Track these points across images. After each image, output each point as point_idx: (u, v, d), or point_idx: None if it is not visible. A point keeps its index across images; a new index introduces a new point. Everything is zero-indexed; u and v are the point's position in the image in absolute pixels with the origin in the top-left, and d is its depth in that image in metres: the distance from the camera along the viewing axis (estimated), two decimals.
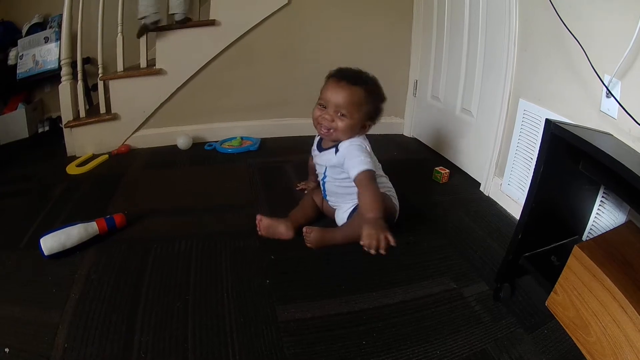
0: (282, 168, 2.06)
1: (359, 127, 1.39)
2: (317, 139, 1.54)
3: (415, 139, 2.62)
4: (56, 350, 0.95)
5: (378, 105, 1.41)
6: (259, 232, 1.45)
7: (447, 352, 1.06)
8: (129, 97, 2.10)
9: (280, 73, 2.36)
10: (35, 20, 2.64)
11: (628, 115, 1.15)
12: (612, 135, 1.25)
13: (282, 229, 1.44)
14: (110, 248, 1.34)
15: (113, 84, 2.08)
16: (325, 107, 1.36)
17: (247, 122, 2.41)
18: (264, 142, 2.36)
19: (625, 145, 1.21)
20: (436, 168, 2.05)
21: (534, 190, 1.13)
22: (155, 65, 2.10)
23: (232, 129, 2.37)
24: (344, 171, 1.39)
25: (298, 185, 1.84)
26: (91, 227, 1.35)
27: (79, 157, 2.00)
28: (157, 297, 1.14)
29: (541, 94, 1.60)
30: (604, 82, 1.25)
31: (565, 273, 1.06)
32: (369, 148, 1.40)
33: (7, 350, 0.96)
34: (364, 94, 1.35)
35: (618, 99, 1.23)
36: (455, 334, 1.11)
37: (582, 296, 1.03)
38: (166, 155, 2.15)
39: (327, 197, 1.56)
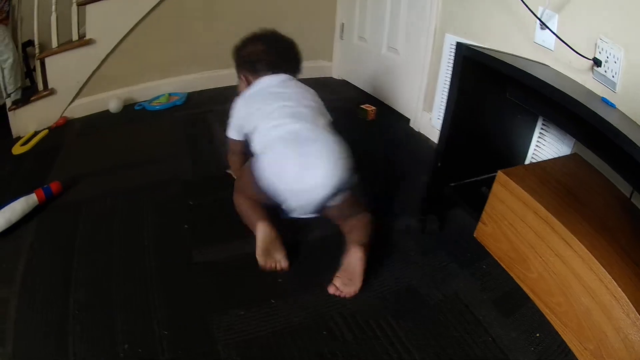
0: (205, 118, 2.10)
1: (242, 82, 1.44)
2: None
3: (344, 80, 2.64)
4: (9, 322, 0.97)
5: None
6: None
7: (368, 288, 1.03)
8: (63, 70, 2.08)
9: (204, 26, 2.34)
10: None
11: (568, 47, 1.09)
12: (548, 66, 1.20)
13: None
14: (49, 215, 1.37)
15: (48, 61, 2.08)
16: None
17: (175, 79, 2.40)
18: (190, 95, 2.37)
19: (565, 75, 1.15)
20: (361, 105, 2.02)
21: (449, 116, 1.08)
22: (86, 36, 2.11)
23: (161, 87, 2.34)
24: None
25: None
26: (31, 199, 1.37)
27: (23, 136, 2.04)
28: (88, 254, 1.18)
29: (469, 28, 1.57)
30: (536, 14, 1.19)
31: (491, 201, 0.99)
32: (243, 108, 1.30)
33: None
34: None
35: (555, 31, 1.16)
36: (379, 268, 1.09)
37: (514, 227, 0.96)
38: (99, 121, 2.17)
39: None
